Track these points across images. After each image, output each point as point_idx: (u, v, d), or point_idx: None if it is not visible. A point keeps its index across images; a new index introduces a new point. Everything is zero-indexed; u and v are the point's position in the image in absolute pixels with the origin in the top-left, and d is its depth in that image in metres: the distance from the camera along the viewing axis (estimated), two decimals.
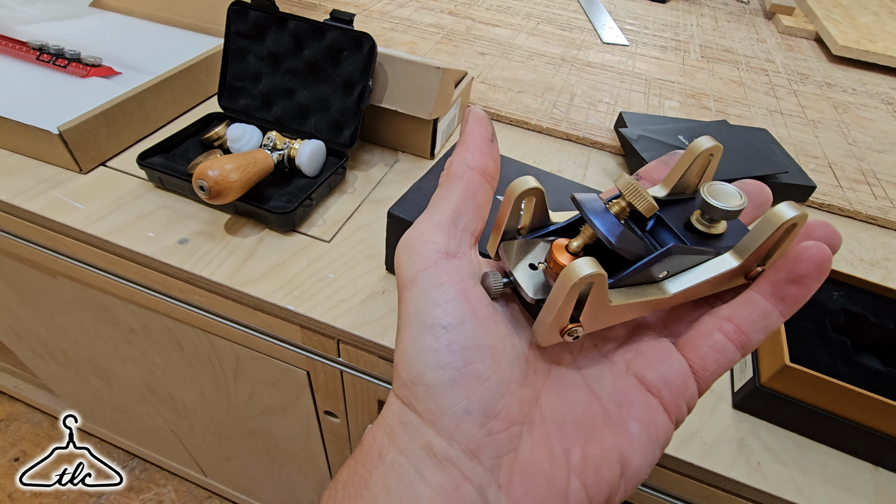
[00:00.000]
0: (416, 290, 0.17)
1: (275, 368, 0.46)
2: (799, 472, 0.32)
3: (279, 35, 0.47)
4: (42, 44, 0.54)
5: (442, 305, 0.17)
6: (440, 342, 0.16)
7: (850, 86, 0.80)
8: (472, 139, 0.20)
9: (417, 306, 0.17)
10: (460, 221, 0.18)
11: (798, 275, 0.17)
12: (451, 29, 0.80)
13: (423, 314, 0.17)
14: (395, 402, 0.17)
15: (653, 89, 0.71)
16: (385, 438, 0.17)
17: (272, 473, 0.72)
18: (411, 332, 0.17)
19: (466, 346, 0.16)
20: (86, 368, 0.70)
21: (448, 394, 0.16)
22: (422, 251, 0.18)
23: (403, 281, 0.18)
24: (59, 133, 0.42)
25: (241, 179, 0.39)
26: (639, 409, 0.18)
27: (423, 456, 0.16)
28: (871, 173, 0.59)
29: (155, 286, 0.43)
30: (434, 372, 0.16)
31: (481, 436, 0.16)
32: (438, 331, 0.17)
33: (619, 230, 0.17)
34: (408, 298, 0.18)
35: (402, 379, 0.17)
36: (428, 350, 0.16)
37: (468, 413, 0.16)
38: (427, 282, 0.17)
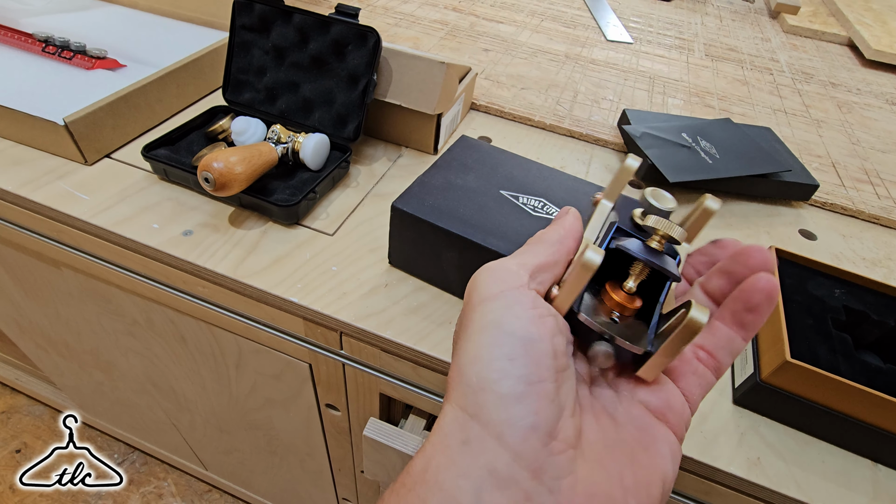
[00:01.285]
0: (497, 304, 0.18)
1: (277, 361, 0.46)
2: (798, 467, 0.32)
3: (284, 29, 0.47)
4: (47, 36, 0.54)
5: (522, 320, 0.18)
6: (518, 352, 0.17)
7: (854, 86, 0.79)
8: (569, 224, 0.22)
9: (498, 317, 0.18)
10: (538, 276, 0.20)
11: (752, 304, 0.20)
12: (454, 25, 0.79)
13: (504, 324, 0.18)
14: (455, 413, 0.17)
15: (657, 87, 0.71)
16: (443, 461, 0.16)
17: (272, 467, 0.72)
18: (489, 338, 0.18)
19: (539, 363, 0.17)
20: (88, 361, 0.70)
21: (518, 406, 0.16)
22: (506, 277, 0.19)
23: (482, 296, 0.19)
24: (64, 124, 0.42)
25: (246, 172, 0.39)
26: (657, 432, 0.19)
27: (484, 477, 0.16)
28: (875, 173, 0.59)
29: (159, 278, 0.43)
30: (509, 381, 0.17)
31: (545, 455, 0.16)
32: (517, 342, 0.17)
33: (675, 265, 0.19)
34: (486, 310, 0.18)
35: (470, 385, 0.17)
36: (504, 358, 0.17)
37: (535, 429, 0.16)
38: (510, 298, 0.18)
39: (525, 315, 0.18)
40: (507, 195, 0.37)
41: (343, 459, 0.59)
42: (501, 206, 0.36)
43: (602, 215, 0.23)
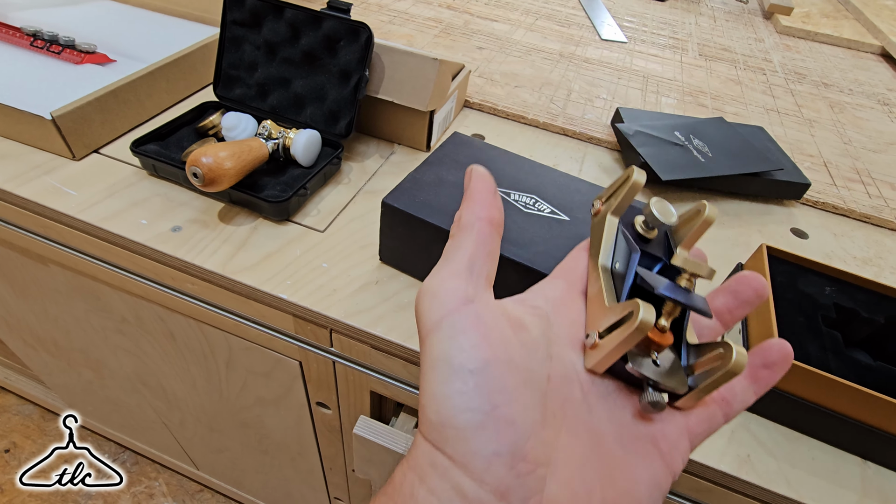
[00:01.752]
0: (440, 336, 0.18)
1: (267, 359, 0.46)
2: (788, 464, 0.32)
3: (276, 24, 0.47)
4: (36, 30, 0.53)
5: (467, 351, 0.18)
6: (468, 386, 0.17)
7: (846, 86, 0.80)
8: (477, 193, 0.22)
9: (443, 351, 0.18)
10: (475, 268, 0.20)
11: (770, 362, 0.20)
12: (449, 23, 0.79)
13: (450, 359, 0.18)
14: (424, 443, 0.18)
15: (650, 86, 0.71)
16: (415, 478, 0.17)
17: (264, 466, 0.72)
18: (439, 375, 0.18)
19: (493, 389, 0.17)
20: (77, 359, 0.69)
21: (478, 436, 0.16)
22: (443, 298, 0.19)
23: (427, 327, 0.19)
24: (52, 119, 0.42)
25: (236, 167, 0.39)
26: (643, 458, 0.19)
27: (453, 497, 0.16)
28: (866, 172, 0.59)
29: (147, 274, 0.43)
30: (464, 415, 0.17)
31: (511, 478, 0.16)
32: (465, 375, 0.17)
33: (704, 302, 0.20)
34: (432, 343, 0.18)
35: (430, 422, 0.17)
36: (457, 394, 0.17)
37: (498, 455, 0.16)
38: (451, 328, 0.18)
39: (469, 343, 0.18)
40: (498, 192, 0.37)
41: (334, 458, 0.58)
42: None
43: (611, 233, 0.23)
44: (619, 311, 0.19)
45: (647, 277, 0.20)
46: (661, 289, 0.19)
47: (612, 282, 0.21)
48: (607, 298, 0.20)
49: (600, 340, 0.19)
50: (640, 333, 0.17)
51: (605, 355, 0.19)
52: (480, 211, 0.21)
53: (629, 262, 0.21)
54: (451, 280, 0.19)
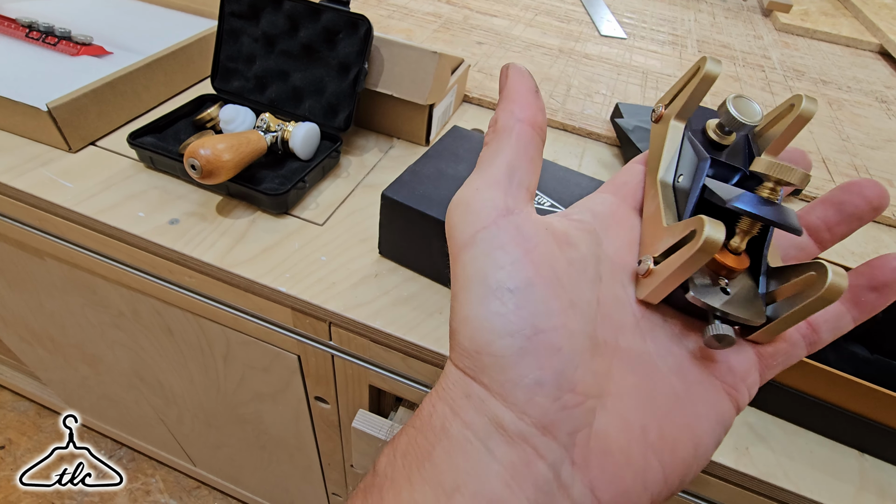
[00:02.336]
0: (475, 251, 0.16)
1: (265, 353, 0.45)
2: (786, 457, 0.32)
3: (274, 16, 0.46)
4: (31, 21, 0.53)
5: (506, 268, 0.15)
6: (507, 307, 0.15)
7: (844, 84, 0.80)
8: (516, 92, 0.18)
9: (479, 268, 0.16)
10: (515, 177, 0.17)
11: (879, 282, 0.17)
12: (448, 18, 0.79)
13: (487, 277, 0.16)
14: (456, 372, 0.16)
15: (649, 82, 0.71)
16: (447, 410, 0.15)
17: (261, 462, 0.71)
18: (473, 296, 0.15)
19: (535, 311, 0.15)
20: (73, 354, 0.69)
21: (519, 364, 0.15)
22: (479, 209, 0.17)
23: (459, 242, 0.16)
24: (47, 110, 0.41)
25: (234, 159, 0.38)
26: (705, 391, 0.17)
27: (491, 431, 0.15)
28: (864, 169, 0.59)
29: (144, 267, 0.43)
30: (503, 340, 0.15)
31: (555, 410, 0.15)
32: (504, 294, 0.15)
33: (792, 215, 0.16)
34: (466, 260, 0.16)
35: (464, 348, 0.16)
36: (494, 316, 0.15)
37: (541, 385, 0.15)
38: (488, 242, 0.16)
39: (508, 259, 0.16)
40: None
41: (333, 454, 0.58)
42: None
43: (675, 141, 0.19)
44: (680, 230, 0.16)
45: (715, 188, 0.16)
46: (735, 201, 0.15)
47: (673, 198, 0.18)
48: (666, 217, 0.17)
49: (655, 266, 0.16)
50: (704, 255, 0.14)
51: (661, 283, 0.16)
52: (520, 111, 0.18)
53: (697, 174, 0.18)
54: (487, 190, 0.17)
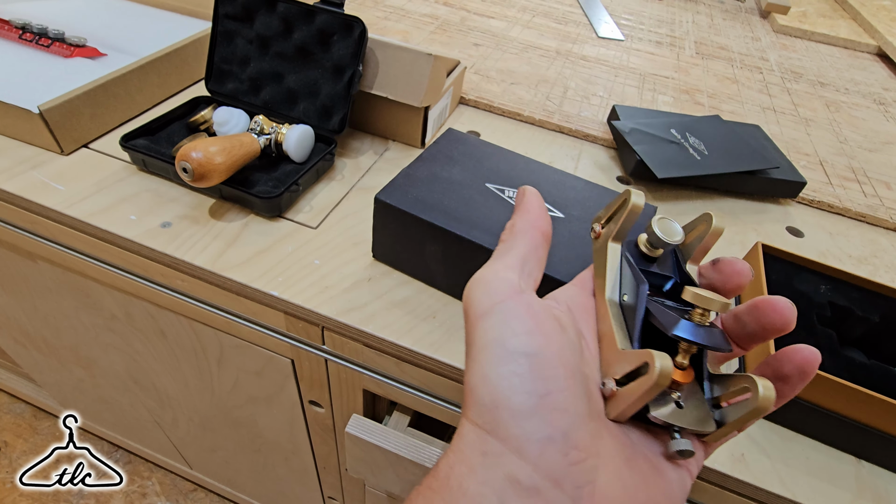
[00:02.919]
0: (493, 320, 0.18)
1: (259, 357, 0.45)
2: (782, 463, 0.32)
3: (268, 17, 0.46)
4: (25, 22, 0.53)
5: (521, 336, 0.18)
6: (522, 368, 0.17)
7: (842, 86, 0.80)
8: (531, 205, 0.23)
9: (497, 334, 0.18)
10: (526, 267, 0.21)
11: (783, 375, 0.19)
12: (445, 19, 0.79)
13: (504, 341, 0.18)
14: (473, 430, 0.17)
15: (647, 84, 0.70)
16: (464, 470, 0.17)
17: (257, 465, 0.71)
18: (493, 357, 0.18)
19: (546, 375, 0.17)
20: (67, 357, 0.69)
21: (532, 420, 0.16)
22: (497, 286, 0.19)
23: (478, 311, 0.19)
24: (39, 112, 0.41)
25: (226, 162, 0.38)
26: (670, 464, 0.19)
27: (506, 487, 0.16)
28: (862, 171, 0.59)
29: (137, 271, 0.42)
30: (518, 397, 0.17)
31: (564, 465, 0.16)
32: (520, 358, 0.17)
33: (721, 336, 0.19)
34: (486, 327, 0.18)
35: (483, 404, 0.17)
36: (512, 376, 0.17)
37: (552, 441, 0.16)
38: (504, 313, 0.18)
39: (523, 328, 0.18)
40: (492, 188, 0.37)
41: (328, 457, 0.58)
42: (487, 200, 0.36)
43: (615, 262, 0.22)
44: (634, 359, 0.18)
45: (659, 316, 0.19)
46: (675, 331, 0.18)
47: (622, 318, 0.21)
48: (620, 340, 0.20)
49: (618, 389, 0.19)
50: (658, 386, 0.17)
51: (626, 407, 0.18)
52: (535, 220, 0.22)
53: (638, 298, 0.20)
54: (504, 272, 0.20)
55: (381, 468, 0.42)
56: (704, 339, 0.18)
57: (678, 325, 0.18)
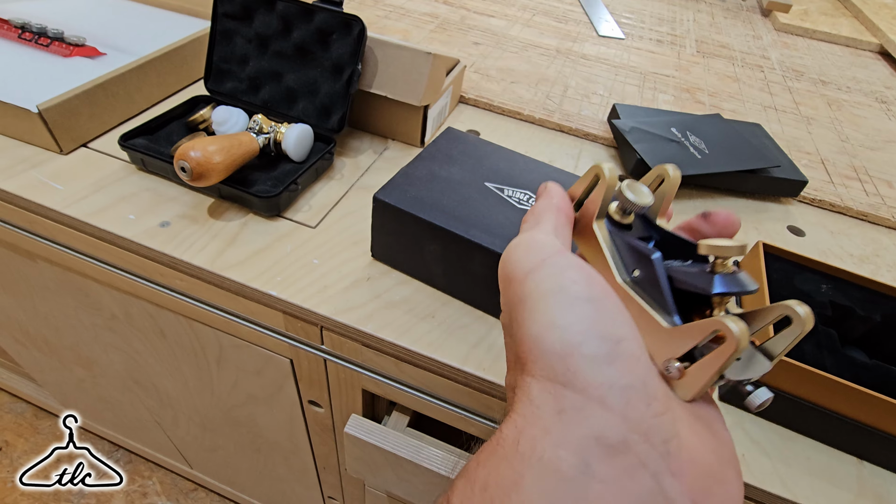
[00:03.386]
0: (546, 272, 0.17)
1: (258, 356, 0.45)
2: (783, 464, 0.31)
3: (267, 16, 0.46)
4: (24, 22, 0.53)
5: (580, 283, 0.17)
6: (591, 314, 0.16)
7: (844, 84, 0.80)
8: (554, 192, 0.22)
9: (554, 284, 0.17)
10: (560, 235, 0.20)
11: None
12: (445, 18, 0.79)
13: (567, 288, 0.17)
14: (543, 386, 0.16)
15: (647, 83, 0.70)
16: (537, 432, 0.15)
17: (257, 465, 0.71)
18: (557, 304, 0.16)
19: (613, 322, 0.16)
20: (68, 357, 0.69)
21: (612, 367, 0.15)
22: (541, 246, 0.19)
23: (526, 268, 0.18)
24: (38, 112, 0.41)
25: (225, 162, 0.38)
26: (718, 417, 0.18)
27: (591, 446, 0.14)
28: (863, 170, 0.59)
29: (136, 270, 0.42)
30: (594, 342, 0.15)
31: (650, 416, 0.15)
32: (586, 304, 0.16)
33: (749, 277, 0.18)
34: (540, 278, 0.17)
35: (554, 352, 0.16)
36: (583, 320, 0.16)
37: (634, 389, 0.15)
38: (556, 265, 0.18)
39: (581, 277, 0.17)
40: (492, 187, 0.36)
41: (328, 457, 0.58)
42: (486, 199, 0.35)
43: (610, 244, 0.21)
44: (697, 333, 0.17)
45: (688, 280, 0.18)
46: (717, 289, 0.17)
47: (647, 295, 0.19)
48: (660, 318, 0.18)
49: (688, 367, 0.17)
50: (739, 351, 0.16)
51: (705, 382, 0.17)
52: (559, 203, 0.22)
53: (654, 266, 0.19)
54: (543, 235, 0.20)
55: (380, 468, 0.42)
56: (742, 286, 0.18)
57: (714, 281, 0.18)
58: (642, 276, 0.19)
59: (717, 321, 0.16)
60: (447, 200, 0.35)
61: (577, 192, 0.23)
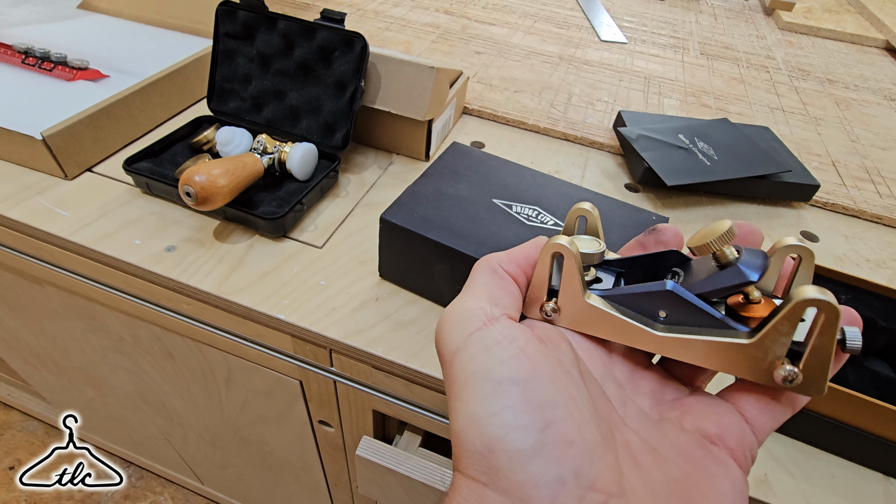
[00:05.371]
0: (472, 351, 0.16)
1: (267, 378, 0.45)
2: (807, 483, 0.31)
3: (269, 35, 0.46)
4: (28, 47, 0.53)
5: (506, 362, 0.16)
6: (514, 399, 0.15)
7: (852, 82, 0.78)
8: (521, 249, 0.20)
9: (479, 366, 0.16)
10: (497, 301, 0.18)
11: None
12: (446, 28, 0.78)
13: (490, 372, 0.15)
14: (467, 485, 0.15)
15: (652, 87, 0.70)
16: None
17: (268, 482, 0.71)
18: (478, 392, 0.15)
19: (543, 403, 0.15)
20: (77, 377, 0.69)
21: (536, 460, 0.14)
22: (469, 317, 0.17)
23: (452, 347, 0.17)
24: (42, 139, 0.41)
25: (230, 185, 0.38)
26: (715, 466, 0.16)
27: None
28: (876, 171, 0.58)
29: (142, 295, 0.42)
30: (516, 434, 0.14)
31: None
32: (510, 388, 0.15)
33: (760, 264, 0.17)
34: (463, 361, 0.16)
35: (475, 450, 0.15)
36: (505, 409, 0.15)
37: (563, 483, 0.14)
38: (483, 341, 0.16)
39: (506, 354, 0.16)
40: (499, 204, 0.36)
41: (339, 475, 0.57)
42: (494, 216, 0.35)
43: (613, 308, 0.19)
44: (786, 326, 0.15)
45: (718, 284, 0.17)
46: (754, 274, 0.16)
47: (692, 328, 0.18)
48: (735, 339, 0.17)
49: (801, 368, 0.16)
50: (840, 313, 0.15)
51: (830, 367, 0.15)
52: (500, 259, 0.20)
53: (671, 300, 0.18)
54: (472, 302, 0.18)
55: (392, 490, 0.41)
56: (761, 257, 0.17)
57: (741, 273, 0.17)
58: (670, 314, 0.18)
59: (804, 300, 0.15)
60: (455, 219, 0.34)
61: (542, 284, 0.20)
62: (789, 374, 0.16)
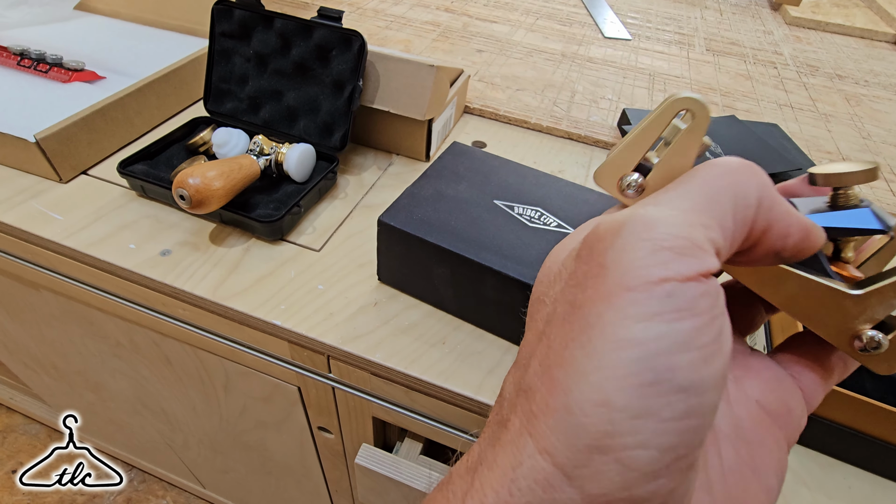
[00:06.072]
0: (654, 307, 0.12)
1: (265, 384, 0.44)
2: (823, 494, 0.29)
3: (265, 35, 0.45)
4: (23, 49, 0.52)
5: (695, 359, 0.13)
6: (675, 411, 0.11)
7: (861, 78, 0.77)
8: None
9: (655, 348, 0.11)
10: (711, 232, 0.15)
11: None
12: (447, 26, 0.77)
13: (663, 365, 0.11)
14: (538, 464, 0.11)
15: (657, 84, 0.68)
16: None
17: (269, 487, 0.70)
18: (628, 376, 0.11)
19: (697, 431, 0.12)
20: (77, 381, 0.68)
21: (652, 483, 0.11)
22: (672, 252, 0.12)
23: (628, 281, 0.12)
24: (35, 141, 0.40)
25: (225, 187, 0.37)
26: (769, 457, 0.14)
27: None
28: (888, 168, 0.56)
29: (138, 300, 0.41)
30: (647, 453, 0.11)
31: None
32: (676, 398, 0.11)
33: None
34: (634, 314, 0.12)
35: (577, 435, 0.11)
36: (653, 417, 0.11)
37: None
38: (678, 302, 0.12)
39: (698, 343, 0.11)
40: (501, 205, 0.35)
41: (339, 481, 0.56)
42: (496, 218, 0.34)
43: None
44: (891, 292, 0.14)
45: (848, 224, 0.15)
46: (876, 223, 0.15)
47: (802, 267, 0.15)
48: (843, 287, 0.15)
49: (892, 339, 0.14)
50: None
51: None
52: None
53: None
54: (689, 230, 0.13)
55: (393, 498, 0.40)
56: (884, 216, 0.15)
57: (875, 218, 0.15)
58: None
59: None
60: (455, 221, 0.33)
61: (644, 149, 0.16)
62: (874, 340, 0.14)
